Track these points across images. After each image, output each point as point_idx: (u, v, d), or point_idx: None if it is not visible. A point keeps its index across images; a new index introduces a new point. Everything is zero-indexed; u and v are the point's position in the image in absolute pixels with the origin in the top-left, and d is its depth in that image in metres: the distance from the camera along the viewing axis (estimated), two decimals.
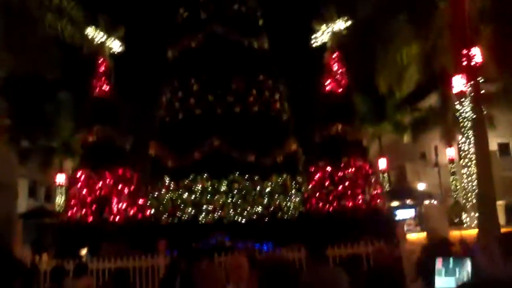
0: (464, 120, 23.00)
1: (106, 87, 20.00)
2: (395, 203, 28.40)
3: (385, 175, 36.64)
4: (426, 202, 28.66)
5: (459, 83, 22.71)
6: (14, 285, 3.65)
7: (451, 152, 32.25)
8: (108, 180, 18.67)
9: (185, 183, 19.06)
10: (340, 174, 17.30)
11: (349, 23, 18.82)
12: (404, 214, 28.30)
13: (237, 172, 18.75)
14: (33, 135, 33.13)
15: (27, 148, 32.81)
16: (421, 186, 36.66)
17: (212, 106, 19.91)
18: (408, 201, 30.50)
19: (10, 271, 3.92)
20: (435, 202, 29.70)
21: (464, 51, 14.25)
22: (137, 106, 27.81)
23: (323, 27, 19.31)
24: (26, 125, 30.56)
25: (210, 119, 19.69)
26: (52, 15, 15.43)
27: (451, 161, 32.32)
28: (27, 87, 23.88)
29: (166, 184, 19.53)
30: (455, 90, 23.74)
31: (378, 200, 17.26)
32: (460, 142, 24.58)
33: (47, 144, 34.45)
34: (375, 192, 17.26)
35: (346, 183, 17.17)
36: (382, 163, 36.45)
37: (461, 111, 23.34)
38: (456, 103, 24.17)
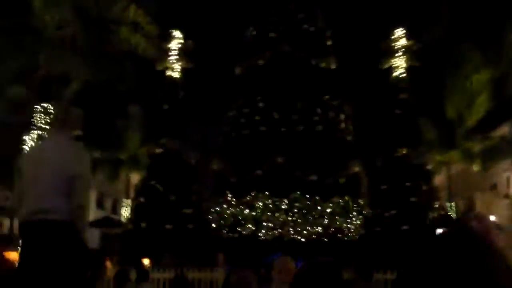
0: None
1: (174, 102, 20.46)
2: None
3: (453, 204, 35.42)
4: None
5: None
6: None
7: None
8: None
9: (247, 199, 19.20)
10: (402, 198, 16.91)
11: (418, 46, 18.53)
12: None
13: (299, 191, 18.71)
14: (103, 147, 34.19)
15: (96, 159, 33.90)
16: (490, 218, 35.16)
17: (276, 124, 20.05)
18: None
19: (83, 259, 4.19)
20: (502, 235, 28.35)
21: None
22: (203, 122, 28.31)
23: (392, 49, 19.10)
24: (97, 136, 31.64)
25: (274, 136, 19.81)
26: (127, 29, 16.03)
27: None
28: (99, 98, 24.79)
29: (228, 199, 19.72)
30: None
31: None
32: None
33: (115, 156, 35.41)
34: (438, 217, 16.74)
35: (408, 208, 16.74)
36: (450, 193, 35.26)
37: None
38: None
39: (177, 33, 20.45)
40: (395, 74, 19.37)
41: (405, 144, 18.04)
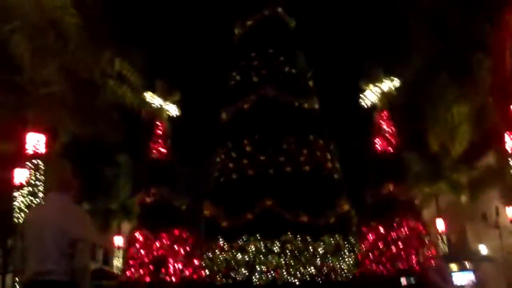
0: None
1: (163, 150, 20.72)
2: (453, 266, 27.43)
3: (444, 236, 35.56)
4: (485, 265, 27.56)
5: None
6: None
7: (511, 212, 31.07)
8: (165, 240, 19.08)
9: (239, 243, 19.24)
10: (393, 235, 17.09)
11: (396, 83, 19.05)
12: (463, 278, 27.21)
13: (290, 233, 18.80)
14: (93, 198, 34.21)
15: (87, 210, 33.86)
16: (482, 248, 35.29)
17: (264, 167, 20.26)
18: (468, 265, 29.39)
19: None
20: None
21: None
22: (192, 167, 28.53)
23: (371, 87, 19.59)
24: (87, 188, 31.70)
25: (263, 179, 20.01)
26: (114, 82, 16.40)
27: None
28: (88, 150, 24.98)
29: (220, 244, 19.76)
30: (508, 147, 23.22)
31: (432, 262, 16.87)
32: None
33: (106, 206, 35.43)
34: (429, 254, 16.90)
35: (399, 244, 16.92)
36: (440, 224, 35.46)
37: None
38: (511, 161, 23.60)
39: (163, 83, 20.88)
40: (376, 111, 19.83)
41: (391, 180, 18.30)
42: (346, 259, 18.97)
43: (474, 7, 14.67)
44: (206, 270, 19.62)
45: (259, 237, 18.92)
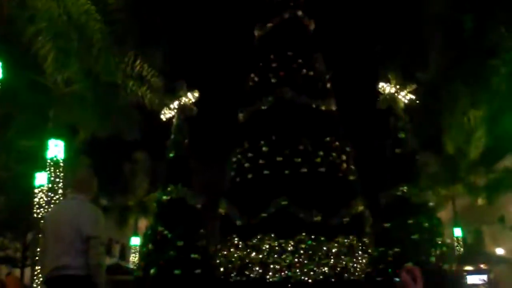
0: None
1: (180, 148, 21.00)
2: (468, 267, 27.45)
3: (460, 238, 35.51)
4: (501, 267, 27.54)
5: None
6: None
7: None
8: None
9: (253, 242, 19.51)
10: (405, 237, 17.18)
11: (413, 86, 19.14)
12: (476, 279, 27.26)
13: (304, 232, 19.03)
14: (111, 194, 34.70)
15: (105, 206, 34.35)
16: (499, 251, 35.17)
17: (280, 167, 20.52)
18: (483, 266, 29.35)
19: None
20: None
21: None
22: (209, 167, 28.85)
23: (388, 89, 19.70)
24: (105, 184, 32.20)
25: (278, 179, 20.27)
26: (134, 82, 16.73)
27: None
28: (107, 146, 25.40)
29: (235, 242, 20.04)
30: None
31: (445, 263, 16.96)
32: None
33: (123, 203, 35.91)
34: (442, 254, 16.97)
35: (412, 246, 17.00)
36: (457, 229, 35.39)
37: None
38: None
39: (182, 83, 21.17)
40: (393, 114, 19.92)
41: (405, 182, 18.39)
42: (360, 260, 19.14)
43: (489, 13, 14.73)
44: (221, 268, 19.90)
45: (273, 236, 19.17)
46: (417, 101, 19.09)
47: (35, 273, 15.20)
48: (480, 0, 14.96)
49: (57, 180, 16.07)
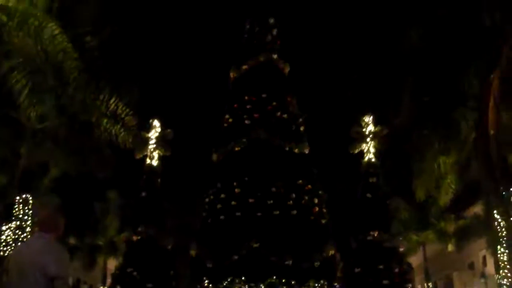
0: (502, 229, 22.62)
1: (152, 188, 20.84)
2: None
3: (430, 284, 35.59)
4: None
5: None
6: None
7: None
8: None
9: (224, 285, 19.24)
10: (375, 282, 17.19)
11: (385, 131, 19.48)
12: None
13: (275, 276, 18.86)
14: (81, 233, 34.08)
15: (74, 245, 33.68)
16: None
17: (252, 209, 20.45)
18: None
19: None
20: None
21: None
22: (181, 207, 28.63)
23: (361, 133, 20.01)
24: (75, 223, 31.64)
25: (250, 221, 20.17)
26: (108, 120, 16.71)
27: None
28: (78, 184, 25.10)
29: (205, 285, 19.74)
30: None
31: None
32: (499, 252, 23.99)
33: (93, 242, 35.26)
34: None
35: None
36: (426, 272, 35.50)
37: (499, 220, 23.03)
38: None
39: (156, 122, 21.20)
40: (365, 158, 20.18)
41: (377, 227, 18.52)
42: None
43: (460, 62, 15.24)
44: None
45: (244, 279, 18.95)
46: (388, 146, 19.41)
47: None
48: (451, 49, 15.47)
49: (25, 218, 15.81)
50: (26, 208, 15.95)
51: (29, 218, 16.10)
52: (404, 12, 16.98)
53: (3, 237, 16.19)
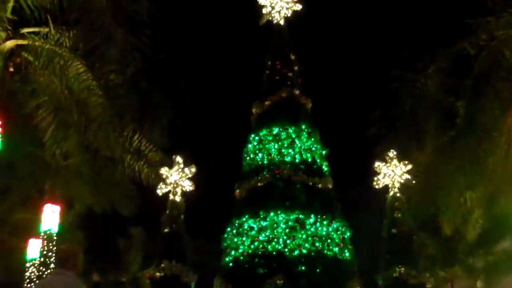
0: None
1: (175, 224, 20.85)
2: None
3: None
4: None
5: None
6: None
7: None
8: None
9: None
10: None
11: (409, 166, 19.32)
12: None
13: None
14: (104, 269, 34.12)
15: (97, 282, 33.69)
16: None
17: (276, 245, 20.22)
18: None
19: None
20: None
21: None
22: (204, 242, 28.52)
23: (384, 169, 19.88)
24: (98, 259, 31.71)
25: (275, 257, 19.95)
26: (132, 157, 16.88)
27: None
28: (102, 221, 25.25)
29: None
30: None
31: None
32: None
33: (116, 279, 35.23)
34: None
35: None
36: None
37: None
38: None
39: (178, 158, 21.31)
40: (390, 193, 19.97)
41: (403, 263, 18.19)
42: None
43: (483, 96, 15.14)
44: None
45: None
46: (413, 181, 19.19)
47: None
48: (472, 85, 15.40)
49: (49, 254, 15.89)
50: (50, 244, 16.01)
51: (53, 254, 16.13)
52: (427, 46, 16.99)
53: (27, 273, 16.25)
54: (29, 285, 15.73)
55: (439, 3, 16.81)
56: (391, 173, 19.83)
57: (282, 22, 25.96)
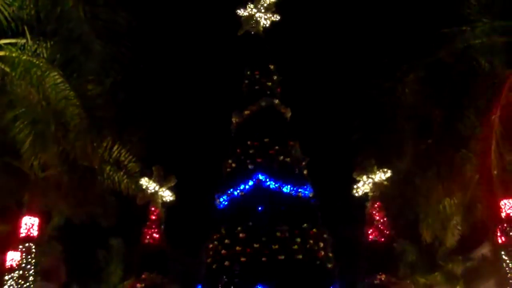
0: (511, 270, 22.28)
1: (156, 235, 20.74)
2: None
3: None
4: None
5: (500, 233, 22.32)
6: None
7: None
8: None
9: None
10: None
11: (388, 174, 19.48)
12: None
13: None
14: (84, 281, 33.68)
15: None
16: None
17: (257, 254, 20.23)
18: None
19: None
20: None
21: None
22: (185, 253, 28.36)
23: (364, 177, 20.03)
24: (78, 271, 31.30)
25: (255, 267, 19.94)
26: (111, 168, 16.75)
27: None
28: (81, 233, 24.98)
29: None
30: (500, 240, 23.30)
31: None
32: None
33: None
34: None
35: None
36: None
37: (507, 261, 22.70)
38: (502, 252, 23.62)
39: (158, 168, 21.22)
40: (369, 201, 20.11)
41: (384, 270, 18.30)
42: None
43: (460, 104, 15.35)
44: None
45: None
46: (393, 189, 19.34)
47: None
48: (449, 93, 15.60)
49: (28, 267, 15.66)
50: (29, 257, 15.79)
51: (32, 267, 15.90)
52: (405, 56, 17.18)
53: (5, 287, 15.98)
54: None
55: (416, 13, 17.00)
56: (371, 180, 19.97)
57: (261, 32, 26.17)
